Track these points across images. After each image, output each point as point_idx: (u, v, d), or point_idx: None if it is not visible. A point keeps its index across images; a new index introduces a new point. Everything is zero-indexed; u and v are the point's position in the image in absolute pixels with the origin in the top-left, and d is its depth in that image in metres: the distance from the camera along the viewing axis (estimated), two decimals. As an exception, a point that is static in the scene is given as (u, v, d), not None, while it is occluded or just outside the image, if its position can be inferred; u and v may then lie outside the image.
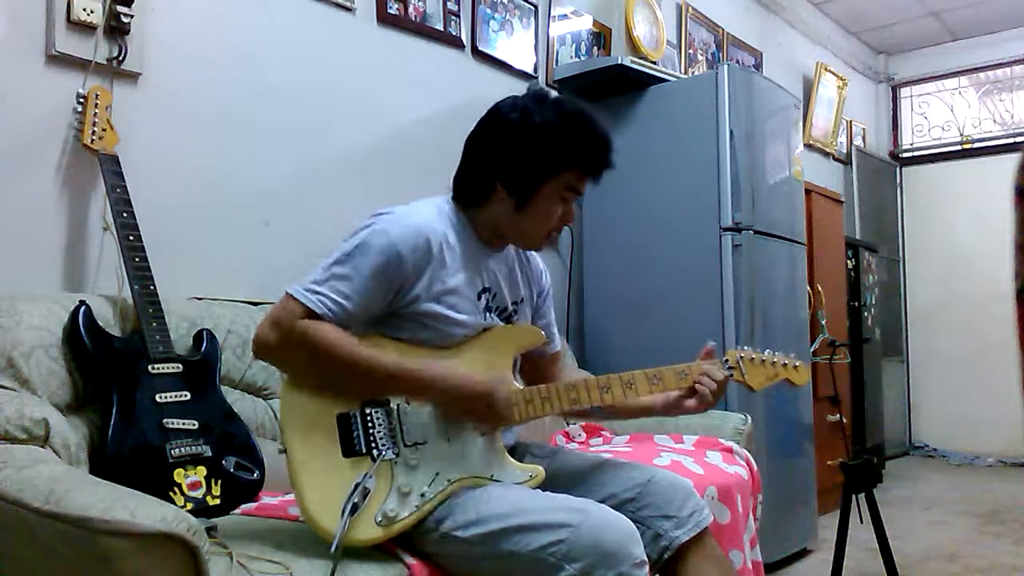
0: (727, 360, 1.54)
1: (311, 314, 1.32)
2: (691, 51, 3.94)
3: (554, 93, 1.49)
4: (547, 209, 1.45)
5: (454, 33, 2.77)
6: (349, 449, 1.33)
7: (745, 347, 1.58)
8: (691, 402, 1.50)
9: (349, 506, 1.24)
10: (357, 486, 1.26)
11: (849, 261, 4.37)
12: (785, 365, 1.59)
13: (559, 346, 1.71)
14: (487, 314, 1.50)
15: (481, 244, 1.51)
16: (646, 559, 1.28)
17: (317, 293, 1.33)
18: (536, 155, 1.42)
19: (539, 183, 1.43)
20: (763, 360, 1.57)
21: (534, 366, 1.63)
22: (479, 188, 1.47)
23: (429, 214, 1.44)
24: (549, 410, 1.46)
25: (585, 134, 1.43)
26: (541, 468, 1.44)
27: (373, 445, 1.33)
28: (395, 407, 1.37)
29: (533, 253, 1.66)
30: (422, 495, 1.32)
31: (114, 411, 1.52)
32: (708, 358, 1.53)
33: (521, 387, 1.48)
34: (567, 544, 1.23)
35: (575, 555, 1.23)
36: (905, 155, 5.86)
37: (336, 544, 1.20)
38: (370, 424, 1.35)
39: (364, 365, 1.32)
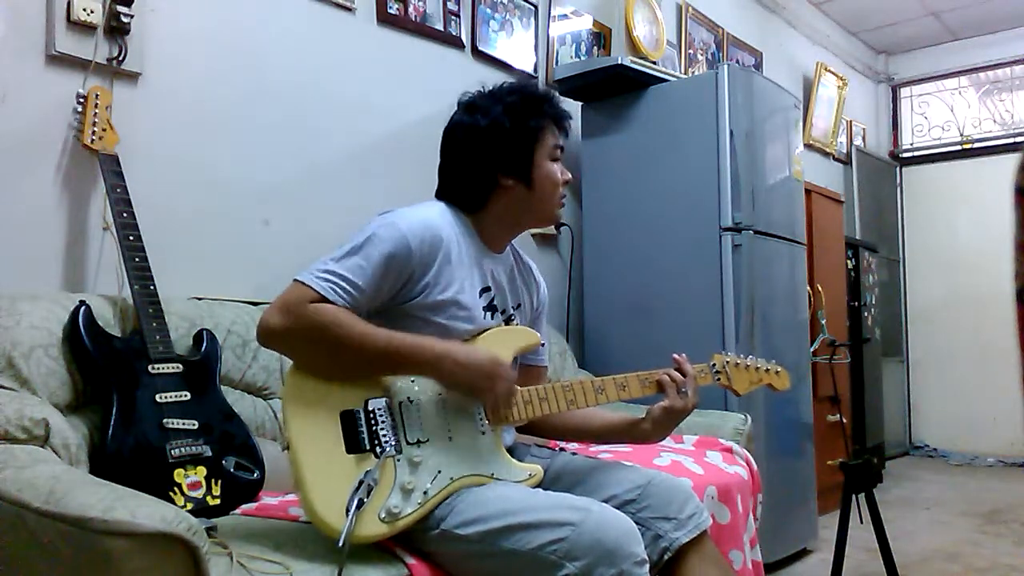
0: (714, 364, 1.61)
1: (322, 299, 1.33)
2: (691, 51, 3.94)
3: (484, 87, 1.56)
4: (549, 174, 1.54)
5: (454, 33, 2.78)
6: (353, 446, 1.33)
7: (729, 352, 1.65)
8: (662, 404, 1.52)
9: (356, 502, 1.24)
10: (361, 483, 1.26)
11: (849, 261, 4.37)
12: (768, 371, 1.67)
13: (546, 361, 1.73)
14: (487, 313, 1.51)
15: (482, 246, 1.54)
16: (647, 558, 1.28)
17: (328, 280, 1.34)
18: (517, 132, 1.50)
19: (532, 153, 1.52)
20: (747, 365, 1.64)
21: (520, 377, 1.62)
22: (480, 191, 1.53)
23: (434, 213, 1.48)
24: (546, 410, 1.48)
25: (537, 95, 1.55)
26: (540, 467, 1.45)
27: (376, 442, 1.34)
28: (398, 404, 1.38)
29: (532, 264, 1.70)
30: (425, 492, 1.32)
31: (114, 411, 1.52)
32: (678, 365, 1.56)
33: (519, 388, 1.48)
34: (568, 542, 1.24)
35: (576, 553, 1.23)
36: (905, 155, 5.86)
37: (344, 539, 1.20)
38: (374, 421, 1.35)
39: (372, 341, 1.33)
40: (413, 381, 1.40)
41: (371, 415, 1.35)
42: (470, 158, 1.53)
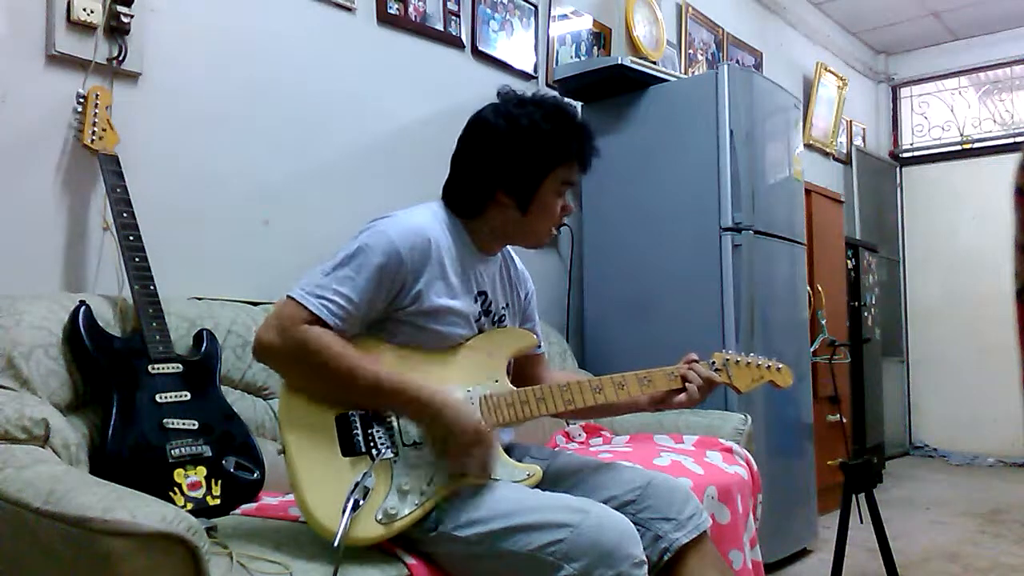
0: (714, 362, 1.60)
1: (314, 318, 1.32)
2: (691, 51, 3.94)
3: (528, 92, 1.52)
4: (549, 206, 1.50)
5: (454, 33, 2.77)
6: (348, 449, 1.33)
7: (729, 350, 1.63)
8: (680, 397, 1.54)
9: (350, 504, 1.24)
10: (357, 484, 1.27)
11: (849, 261, 4.37)
12: (769, 368, 1.65)
13: (543, 348, 1.73)
14: (483, 317, 1.52)
15: (475, 250, 1.53)
16: (645, 559, 1.28)
17: (319, 297, 1.33)
18: (533, 157, 1.46)
19: (539, 183, 1.47)
20: (748, 363, 1.62)
21: (520, 368, 1.63)
22: (477, 199, 1.50)
23: (426, 218, 1.46)
24: (544, 411, 1.48)
25: (572, 128, 1.49)
26: (538, 467, 1.45)
27: (372, 444, 1.34)
28: (394, 407, 1.37)
29: (517, 258, 1.70)
30: (421, 493, 1.32)
31: (114, 411, 1.52)
32: (689, 364, 1.57)
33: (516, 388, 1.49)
34: (567, 544, 1.24)
35: (575, 555, 1.23)
36: (905, 155, 5.86)
37: (338, 541, 1.20)
38: (369, 424, 1.35)
39: (361, 375, 1.32)
40: (412, 382, 1.39)
41: (366, 418, 1.35)
42: (478, 163, 1.49)
